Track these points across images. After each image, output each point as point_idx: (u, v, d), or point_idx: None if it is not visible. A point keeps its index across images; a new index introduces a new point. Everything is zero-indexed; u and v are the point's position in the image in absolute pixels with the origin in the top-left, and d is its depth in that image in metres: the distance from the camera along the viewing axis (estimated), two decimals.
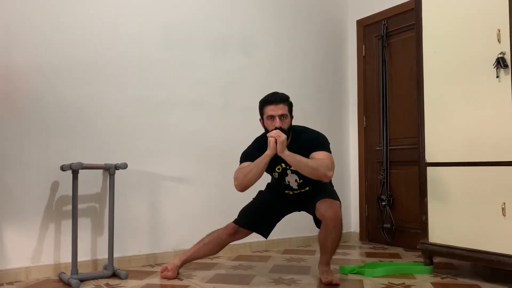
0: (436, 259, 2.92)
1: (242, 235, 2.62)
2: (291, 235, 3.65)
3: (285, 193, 2.60)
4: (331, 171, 2.32)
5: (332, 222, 2.35)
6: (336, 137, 4.02)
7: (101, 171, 2.82)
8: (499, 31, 2.36)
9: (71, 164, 2.52)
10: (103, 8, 2.89)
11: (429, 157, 2.68)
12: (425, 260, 2.71)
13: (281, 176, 2.54)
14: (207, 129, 3.28)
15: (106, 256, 2.70)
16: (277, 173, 2.53)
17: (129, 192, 2.92)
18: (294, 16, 3.83)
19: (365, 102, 3.99)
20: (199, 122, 3.25)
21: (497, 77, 2.36)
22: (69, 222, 2.66)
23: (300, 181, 2.51)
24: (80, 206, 2.71)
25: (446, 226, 2.58)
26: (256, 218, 2.60)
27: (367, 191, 3.93)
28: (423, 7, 2.75)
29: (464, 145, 2.51)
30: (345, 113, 4.12)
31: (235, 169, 2.68)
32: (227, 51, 3.42)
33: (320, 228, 2.46)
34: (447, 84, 2.61)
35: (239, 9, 3.51)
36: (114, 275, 2.63)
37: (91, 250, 2.78)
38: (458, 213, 2.52)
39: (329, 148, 2.44)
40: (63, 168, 2.61)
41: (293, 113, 2.49)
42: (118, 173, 2.79)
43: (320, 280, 2.47)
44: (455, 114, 2.56)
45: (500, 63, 2.32)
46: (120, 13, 2.96)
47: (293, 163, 2.33)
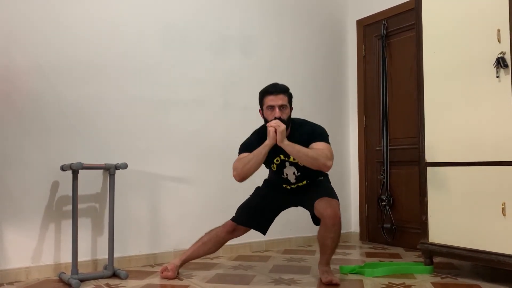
0: (436, 259, 2.92)
1: (241, 232, 2.62)
2: (291, 235, 3.65)
3: (283, 187, 2.59)
4: (331, 161, 2.33)
5: (331, 221, 2.35)
6: (336, 137, 4.01)
7: (101, 171, 2.82)
8: (499, 31, 2.36)
9: (71, 164, 2.52)
10: (103, 8, 2.90)
11: (429, 157, 2.68)
12: (425, 260, 2.71)
13: (279, 169, 2.53)
14: (207, 129, 3.28)
15: (106, 256, 2.71)
16: (275, 165, 2.52)
17: (129, 192, 2.92)
18: (294, 16, 3.83)
19: (365, 102, 3.99)
20: (199, 122, 3.25)
21: (497, 77, 2.36)
22: (69, 222, 2.66)
23: (298, 174, 2.51)
24: (80, 206, 2.71)
25: (446, 226, 2.58)
26: (254, 215, 2.60)
27: (367, 191, 3.93)
28: (423, 7, 2.75)
29: (464, 145, 2.51)
30: (345, 113, 4.12)
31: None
32: (227, 51, 3.42)
33: (319, 227, 2.46)
34: (447, 84, 2.61)
35: (239, 9, 3.51)
36: (114, 275, 2.63)
37: (91, 250, 2.78)
38: (458, 213, 2.52)
39: (328, 139, 2.45)
40: (63, 168, 2.62)
41: (293, 109, 2.49)
42: (118, 173, 2.79)
43: (320, 280, 2.47)
44: (455, 114, 2.56)
45: (500, 63, 2.32)
46: (120, 13, 2.96)
47: (293, 152, 2.33)
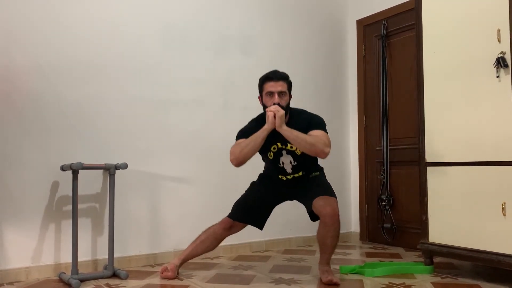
0: (437, 259, 2.92)
1: (238, 229, 2.63)
2: (291, 235, 3.65)
3: (278, 178, 2.57)
4: (328, 148, 2.34)
5: (330, 219, 2.36)
6: (336, 137, 4.02)
7: (101, 171, 2.82)
8: (499, 31, 2.36)
9: (71, 164, 2.52)
10: (103, 8, 2.90)
11: (429, 157, 2.68)
12: (425, 260, 2.71)
13: (276, 157, 2.52)
14: (207, 129, 3.28)
15: (106, 256, 2.71)
16: (272, 153, 2.52)
17: (129, 192, 2.92)
18: (294, 16, 3.82)
19: (365, 102, 3.99)
20: (199, 122, 3.25)
21: (497, 76, 2.36)
22: (69, 222, 2.67)
23: (295, 164, 2.50)
24: (80, 206, 2.71)
25: (446, 226, 2.58)
26: (250, 211, 2.60)
27: (367, 191, 3.93)
28: (423, 7, 2.75)
29: (464, 145, 2.51)
30: (345, 113, 4.12)
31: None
32: (227, 51, 3.42)
33: (317, 227, 2.46)
34: (447, 83, 2.61)
35: (239, 9, 3.51)
36: (114, 275, 2.63)
37: (91, 250, 2.78)
38: (458, 213, 2.52)
39: (326, 128, 2.46)
40: (63, 168, 2.62)
41: (292, 97, 2.51)
42: (118, 173, 2.79)
43: (321, 279, 2.47)
44: (455, 114, 2.56)
45: (500, 62, 2.32)
46: (120, 13, 2.96)
47: (291, 138, 2.34)
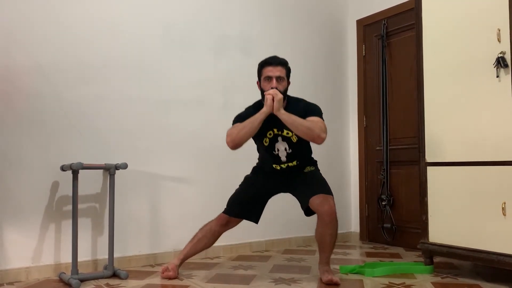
0: (437, 259, 2.92)
1: (234, 224, 2.63)
2: (291, 235, 3.65)
3: (273, 168, 2.56)
4: (325, 133, 2.36)
5: (328, 217, 2.37)
6: (336, 137, 4.02)
7: (101, 171, 2.82)
8: (499, 30, 2.36)
9: (71, 164, 2.52)
10: (103, 8, 2.90)
11: (429, 156, 2.68)
12: (425, 260, 2.71)
13: (271, 143, 2.52)
14: (207, 129, 3.27)
15: (107, 256, 2.71)
16: (268, 138, 2.52)
17: (129, 192, 2.92)
18: (294, 16, 3.82)
19: (365, 102, 3.99)
20: (199, 122, 3.25)
21: (497, 76, 2.36)
22: (69, 222, 2.67)
23: (290, 151, 2.50)
24: (80, 206, 2.71)
25: (446, 226, 2.58)
26: (245, 206, 2.59)
27: (367, 191, 3.93)
28: (423, 7, 2.75)
29: (464, 145, 2.51)
30: (345, 113, 4.12)
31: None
32: (227, 51, 3.42)
33: (316, 224, 2.47)
34: (447, 83, 2.61)
35: (239, 9, 3.51)
36: (115, 275, 2.63)
37: (91, 250, 2.78)
38: (458, 213, 2.52)
39: (322, 116, 2.47)
40: (63, 168, 2.62)
41: (290, 84, 2.53)
42: (118, 173, 2.79)
43: (321, 279, 2.48)
44: (455, 114, 2.56)
45: (500, 62, 2.32)
46: (120, 13, 2.96)
47: (288, 121, 2.35)
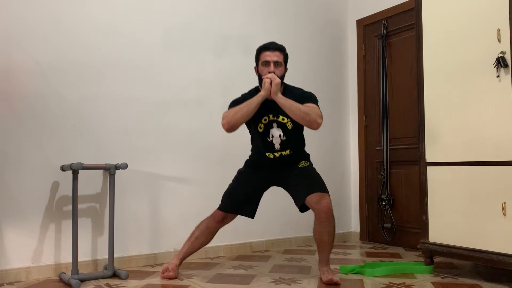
0: (437, 259, 2.92)
1: (230, 219, 2.63)
2: (291, 235, 3.65)
3: (266, 157, 2.54)
4: (321, 119, 2.38)
5: (325, 215, 2.38)
6: (336, 137, 4.02)
7: (101, 171, 2.82)
8: (499, 30, 2.36)
9: (71, 164, 2.52)
10: (103, 8, 2.89)
11: (430, 156, 2.68)
12: (425, 260, 2.71)
13: (266, 129, 2.52)
14: (207, 129, 3.27)
15: (107, 256, 2.71)
16: (262, 124, 2.51)
17: (129, 192, 2.92)
18: (294, 15, 3.82)
19: (365, 102, 3.99)
20: (199, 122, 3.25)
21: (497, 76, 2.36)
22: (70, 222, 2.67)
23: (284, 138, 2.50)
24: (80, 206, 2.71)
25: (446, 225, 2.58)
26: (240, 201, 2.59)
27: (367, 190, 3.93)
28: (423, 7, 2.75)
29: (465, 145, 2.51)
30: (345, 113, 4.12)
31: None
32: (227, 51, 3.42)
33: (314, 224, 2.47)
34: (447, 83, 2.61)
35: (239, 8, 3.51)
36: (115, 275, 2.63)
37: (92, 250, 2.78)
38: (458, 213, 2.52)
39: (318, 104, 2.48)
40: (63, 168, 2.62)
41: (287, 71, 2.56)
42: (118, 173, 2.79)
43: (321, 279, 2.48)
44: (455, 114, 2.56)
45: (500, 62, 2.33)
46: (120, 13, 2.96)
47: (286, 105, 2.36)
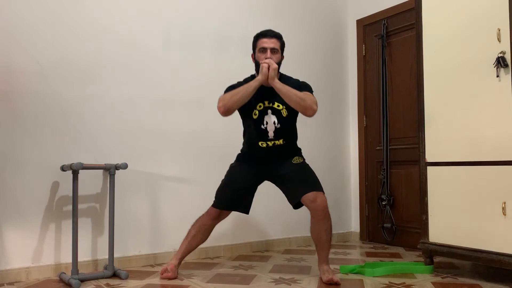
0: (437, 259, 2.92)
1: (226, 215, 2.64)
2: (291, 235, 3.65)
3: (258, 147, 2.53)
4: (316, 106, 2.41)
5: (321, 213, 2.40)
6: (336, 137, 4.02)
7: (101, 171, 2.82)
8: (499, 30, 2.36)
9: (71, 164, 2.52)
10: (103, 8, 2.89)
11: (430, 156, 2.68)
12: (425, 260, 2.71)
13: (261, 116, 2.51)
14: (207, 129, 3.28)
15: (107, 256, 2.71)
16: (257, 111, 2.51)
17: (129, 192, 2.92)
18: (293, 15, 3.82)
19: (365, 102, 3.99)
20: (199, 122, 3.25)
21: (497, 76, 2.36)
22: (70, 222, 2.67)
23: (278, 126, 2.50)
24: (80, 206, 2.71)
25: (446, 225, 2.58)
26: (234, 198, 2.59)
27: (367, 190, 3.93)
28: (423, 7, 2.75)
29: (465, 145, 2.51)
30: (345, 113, 4.12)
31: None
32: (227, 50, 3.42)
33: (311, 223, 2.48)
34: (447, 83, 2.61)
35: (239, 9, 3.51)
36: (115, 275, 2.63)
37: (92, 250, 2.78)
38: (458, 213, 2.52)
39: (313, 94, 2.50)
40: (63, 168, 2.62)
41: (283, 59, 2.59)
42: (118, 173, 2.79)
43: (321, 279, 2.48)
44: (455, 114, 2.56)
45: (500, 62, 2.33)
46: (120, 13, 2.96)
47: (282, 90, 2.38)
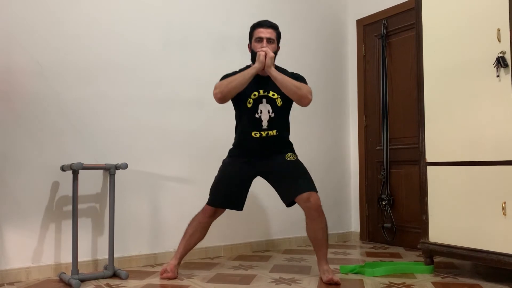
0: (437, 259, 2.92)
1: (221, 212, 2.66)
2: (291, 235, 3.65)
3: (252, 138, 2.53)
4: (311, 96, 2.43)
5: (315, 212, 2.41)
6: (336, 137, 4.02)
7: (101, 171, 2.82)
8: (499, 30, 2.36)
9: (71, 164, 2.52)
10: (103, 9, 2.89)
11: (430, 156, 2.68)
12: (425, 260, 2.71)
13: (255, 104, 2.51)
14: (207, 129, 3.28)
15: (107, 256, 2.71)
16: (252, 99, 2.51)
17: (129, 192, 2.92)
18: (294, 15, 3.82)
19: (365, 102, 3.99)
20: (199, 122, 3.25)
21: (497, 76, 2.36)
22: (70, 222, 2.67)
23: (272, 115, 2.50)
24: (80, 206, 2.71)
25: (446, 225, 2.58)
26: (227, 195, 2.60)
27: (367, 190, 3.93)
28: (423, 6, 2.75)
29: (465, 144, 2.51)
30: (345, 113, 4.11)
31: None
32: (227, 50, 3.42)
33: (306, 223, 2.49)
34: (447, 83, 2.61)
35: (238, 8, 3.51)
36: (115, 275, 2.63)
37: (92, 250, 2.78)
38: (458, 213, 2.52)
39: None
40: (63, 168, 2.62)
41: (279, 49, 2.62)
42: (118, 173, 2.79)
43: (321, 279, 2.48)
44: (455, 113, 2.56)
45: (500, 62, 2.33)
46: (120, 13, 2.96)
47: (278, 78, 2.40)
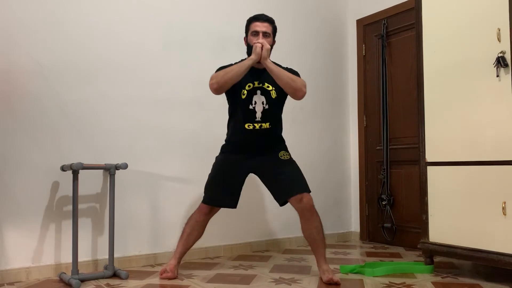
0: (437, 259, 2.92)
1: (218, 209, 2.67)
2: (291, 235, 3.65)
3: (245, 130, 2.52)
4: (305, 89, 2.48)
5: (308, 212, 2.44)
6: (336, 136, 4.02)
7: (101, 171, 2.82)
8: (499, 30, 2.36)
9: (71, 164, 2.52)
10: (103, 9, 2.89)
11: (430, 156, 2.68)
12: (425, 260, 2.71)
13: (249, 96, 2.52)
14: (207, 129, 3.28)
15: (107, 256, 2.71)
16: (246, 91, 2.52)
17: (129, 192, 2.92)
18: (294, 15, 3.82)
19: (365, 102, 3.99)
20: (199, 122, 3.25)
21: (497, 76, 2.36)
22: (70, 222, 2.67)
23: (266, 107, 2.51)
24: (80, 206, 2.71)
25: (446, 225, 2.58)
26: (221, 193, 2.61)
27: (367, 190, 3.93)
28: (423, 6, 2.75)
29: (465, 144, 2.51)
30: (345, 113, 4.11)
31: None
32: (227, 50, 3.41)
33: (300, 223, 2.52)
34: (447, 83, 2.61)
35: (239, 8, 3.50)
36: (115, 275, 2.63)
37: (92, 250, 2.78)
38: (458, 213, 2.52)
39: None
40: (63, 168, 2.62)
41: (275, 43, 2.64)
42: (118, 173, 2.79)
43: (321, 279, 2.48)
44: (455, 113, 2.56)
45: (500, 62, 2.33)
46: (120, 13, 2.96)
47: (273, 70, 2.43)
